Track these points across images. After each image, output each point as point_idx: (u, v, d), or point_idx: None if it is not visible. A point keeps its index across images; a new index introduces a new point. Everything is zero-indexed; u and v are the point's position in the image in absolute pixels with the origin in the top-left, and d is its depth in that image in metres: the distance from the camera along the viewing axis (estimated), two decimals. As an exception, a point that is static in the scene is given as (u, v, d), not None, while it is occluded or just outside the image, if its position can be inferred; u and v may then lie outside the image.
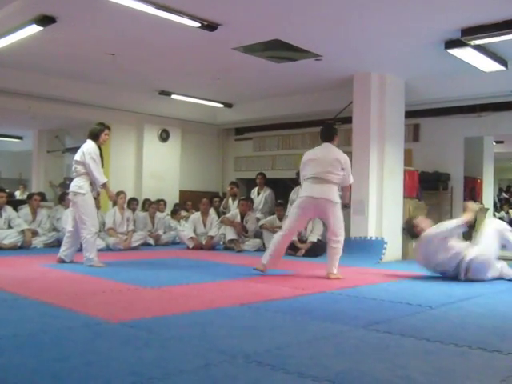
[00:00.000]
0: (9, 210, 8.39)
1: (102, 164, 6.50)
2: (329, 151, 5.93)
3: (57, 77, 9.07)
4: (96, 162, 6.33)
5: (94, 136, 6.49)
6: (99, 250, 8.14)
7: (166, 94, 10.08)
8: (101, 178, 6.34)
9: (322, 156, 5.89)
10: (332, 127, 6.48)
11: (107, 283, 5.13)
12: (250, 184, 11.55)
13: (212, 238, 9.07)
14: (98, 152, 6.41)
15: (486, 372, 2.61)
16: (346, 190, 6.25)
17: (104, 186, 6.43)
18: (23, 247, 8.17)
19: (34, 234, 8.49)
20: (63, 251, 6.53)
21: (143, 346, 2.92)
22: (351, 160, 8.15)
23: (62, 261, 6.48)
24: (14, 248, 8.04)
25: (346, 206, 6.56)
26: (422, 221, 6.08)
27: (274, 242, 5.96)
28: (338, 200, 5.85)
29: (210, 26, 6.13)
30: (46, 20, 6.03)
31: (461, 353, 2.93)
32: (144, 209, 10.02)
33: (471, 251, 5.62)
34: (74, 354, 2.74)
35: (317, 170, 5.82)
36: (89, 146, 6.41)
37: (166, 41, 6.93)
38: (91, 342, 2.96)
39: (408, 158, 8.91)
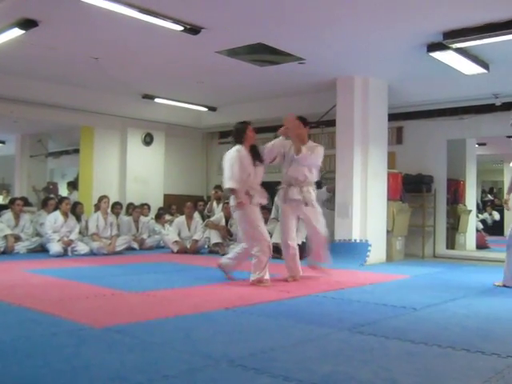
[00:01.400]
0: (-9, 216, 8.31)
1: (255, 162, 5.75)
2: None
3: (39, 81, 8.98)
4: (231, 167, 5.50)
5: (237, 138, 5.72)
6: (82, 255, 8.15)
7: (149, 97, 10.03)
8: (227, 183, 5.52)
9: None
10: None
11: (91, 288, 5.09)
12: (234, 187, 11.51)
13: (197, 241, 9.05)
14: (238, 154, 5.55)
15: (469, 373, 2.64)
16: None
17: (232, 192, 5.55)
18: (6, 252, 8.08)
19: (17, 239, 8.39)
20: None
21: (127, 351, 2.90)
22: (335, 162, 8.24)
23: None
24: (-4, 253, 7.97)
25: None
26: None
27: None
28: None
29: (193, 30, 6.11)
30: (28, 24, 5.96)
31: (445, 354, 2.96)
32: (128, 213, 9.98)
33: None
34: (58, 360, 2.71)
35: None
36: (229, 152, 5.67)
37: (150, 44, 6.90)
38: (75, 348, 2.94)
39: (391, 160, 8.96)
